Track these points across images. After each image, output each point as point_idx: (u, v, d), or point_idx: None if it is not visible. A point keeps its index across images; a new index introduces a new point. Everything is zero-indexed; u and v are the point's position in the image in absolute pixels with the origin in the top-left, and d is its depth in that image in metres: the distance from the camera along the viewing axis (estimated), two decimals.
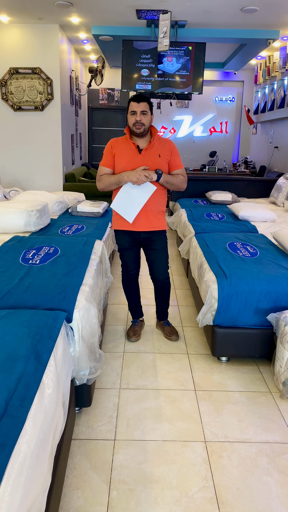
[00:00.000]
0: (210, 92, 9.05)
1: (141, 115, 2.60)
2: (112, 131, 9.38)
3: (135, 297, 3.14)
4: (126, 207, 2.71)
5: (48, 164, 6.20)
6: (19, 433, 1.19)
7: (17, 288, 2.23)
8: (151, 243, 2.88)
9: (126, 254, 2.95)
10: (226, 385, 2.51)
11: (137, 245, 2.93)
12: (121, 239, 2.91)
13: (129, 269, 3.00)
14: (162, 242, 2.91)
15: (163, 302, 3.11)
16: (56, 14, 5.20)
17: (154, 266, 2.96)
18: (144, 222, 2.77)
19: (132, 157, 2.69)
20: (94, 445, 2.00)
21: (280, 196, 5.37)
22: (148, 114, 2.64)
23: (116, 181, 2.67)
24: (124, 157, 2.70)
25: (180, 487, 1.77)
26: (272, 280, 2.60)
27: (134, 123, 2.62)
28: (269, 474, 1.85)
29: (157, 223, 2.81)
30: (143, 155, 2.69)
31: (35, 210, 3.63)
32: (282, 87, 6.68)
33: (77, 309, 2.07)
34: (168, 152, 2.74)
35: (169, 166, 2.77)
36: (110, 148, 2.75)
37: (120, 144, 2.74)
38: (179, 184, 2.77)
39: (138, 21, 5.40)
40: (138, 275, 3.08)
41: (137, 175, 2.59)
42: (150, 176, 2.61)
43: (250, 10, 4.83)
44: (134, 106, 2.61)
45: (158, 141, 2.74)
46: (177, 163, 2.79)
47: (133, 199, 2.69)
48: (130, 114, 2.64)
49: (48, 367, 1.55)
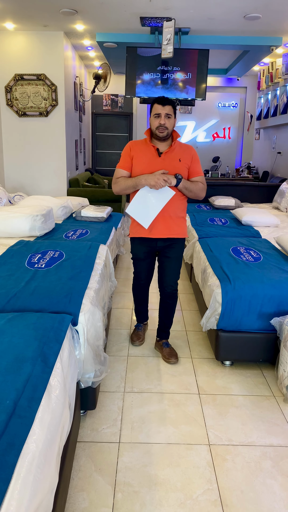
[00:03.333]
0: (213, 98, 9.11)
1: (165, 119, 2.48)
2: (116, 136, 9.45)
3: (143, 302, 3.09)
4: (142, 212, 2.59)
5: (52, 169, 6.25)
6: (27, 433, 1.21)
7: (23, 292, 2.26)
8: (168, 251, 2.74)
9: (140, 265, 2.87)
10: (230, 389, 2.52)
11: (153, 255, 2.83)
12: (137, 248, 2.80)
13: (140, 280, 2.95)
14: (178, 251, 2.76)
15: (166, 318, 2.93)
16: (61, 22, 5.26)
17: (164, 275, 2.82)
18: (162, 228, 2.63)
19: (151, 160, 2.56)
20: (99, 448, 2.02)
21: (283, 201, 5.39)
22: (172, 117, 2.51)
23: (133, 184, 2.55)
24: (142, 160, 2.58)
25: (184, 490, 1.78)
26: (276, 285, 2.61)
27: (158, 126, 2.49)
28: (273, 477, 1.86)
29: (177, 229, 2.67)
30: (163, 159, 2.56)
31: (40, 215, 3.66)
32: (285, 93, 6.72)
33: (83, 312, 2.09)
34: (189, 158, 2.62)
35: (188, 172, 2.63)
36: (129, 150, 2.63)
37: (139, 147, 2.62)
38: (198, 192, 2.62)
39: (142, 28, 5.46)
40: (149, 284, 3.02)
41: (155, 178, 2.46)
42: (169, 181, 2.48)
43: (253, 18, 4.88)
44: (159, 108, 2.48)
45: (179, 146, 2.63)
46: (197, 170, 2.65)
47: (150, 204, 2.56)
48: (153, 117, 2.51)
49: (54, 369, 1.57)
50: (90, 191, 6.27)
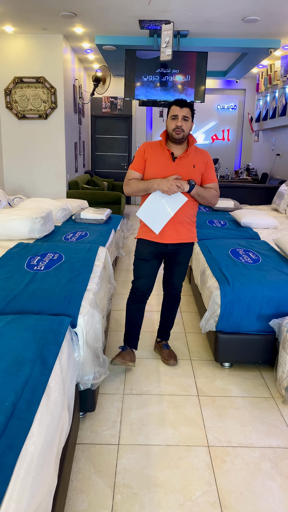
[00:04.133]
0: (212, 100, 9.13)
1: (182, 121, 2.41)
2: (115, 139, 9.47)
3: (136, 323, 2.78)
4: (153, 217, 2.51)
5: (52, 171, 6.27)
6: (26, 434, 1.21)
7: (22, 294, 2.26)
8: (176, 256, 2.66)
9: (142, 267, 2.67)
10: (229, 391, 2.52)
11: (159, 258, 2.68)
12: (142, 248, 2.65)
13: (140, 286, 2.69)
14: (187, 255, 2.69)
15: (168, 319, 2.90)
16: (60, 25, 5.29)
17: (171, 277, 2.75)
18: (172, 233, 2.55)
19: (165, 164, 2.49)
20: (98, 450, 2.02)
21: (282, 203, 5.41)
22: (189, 121, 2.45)
23: (145, 187, 2.47)
24: (156, 163, 2.50)
25: (183, 491, 1.79)
26: (274, 286, 2.62)
27: (175, 128, 2.43)
28: (272, 478, 1.87)
29: (187, 234, 2.60)
30: (177, 164, 2.48)
31: (39, 217, 3.67)
32: (284, 95, 6.75)
33: (82, 314, 2.10)
34: (204, 164, 2.54)
35: (202, 178, 2.56)
36: (143, 151, 2.54)
37: (153, 149, 2.54)
38: (211, 199, 2.56)
39: (141, 31, 5.49)
40: (147, 298, 2.75)
41: (168, 184, 2.38)
42: (182, 187, 2.40)
43: (251, 20, 4.90)
44: (176, 110, 2.42)
45: (195, 151, 2.54)
46: (211, 176, 2.58)
47: (162, 209, 2.48)
48: (170, 119, 2.45)
49: (53, 371, 1.57)
50: (89, 193, 6.28)
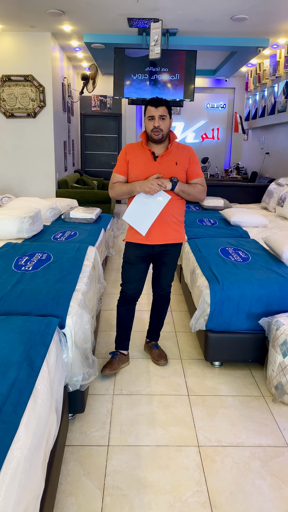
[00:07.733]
0: (202, 99, 9.14)
1: (159, 121, 2.37)
2: (105, 137, 9.43)
3: (126, 324, 2.78)
4: (138, 219, 2.50)
5: (41, 170, 6.22)
6: (12, 439, 1.19)
7: (10, 295, 2.23)
8: (163, 256, 2.64)
9: (130, 271, 2.65)
10: (219, 390, 2.52)
11: (147, 261, 2.66)
12: (130, 251, 2.63)
13: (128, 290, 2.67)
14: (174, 256, 2.66)
15: (157, 320, 2.88)
16: (48, 22, 5.24)
17: (159, 278, 2.73)
18: (158, 234, 2.52)
19: (147, 165, 2.46)
20: (87, 451, 2.00)
21: (271, 201, 5.43)
22: (167, 118, 2.40)
23: (128, 190, 2.45)
24: (138, 164, 2.48)
25: (173, 492, 1.78)
26: (264, 285, 2.62)
27: (153, 129, 2.39)
28: (262, 477, 1.87)
29: (174, 235, 2.57)
30: (159, 163, 2.45)
31: (28, 217, 3.63)
32: (273, 94, 6.77)
33: (70, 315, 2.08)
34: (187, 160, 2.50)
35: (187, 174, 2.52)
36: (124, 154, 2.53)
37: (135, 150, 2.52)
38: (197, 194, 2.51)
39: (129, 29, 5.46)
40: (137, 300, 2.75)
41: (149, 184, 2.35)
42: (164, 185, 2.37)
43: (240, 19, 4.90)
44: (152, 110, 2.37)
45: (176, 148, 2.50)
46: (196, 171, 2.53)
47: (146, 210, 2.46)
48: (147, 120, 2.41)
49: (41, 373, 1.55)
50: (79, 193, 6.24)
